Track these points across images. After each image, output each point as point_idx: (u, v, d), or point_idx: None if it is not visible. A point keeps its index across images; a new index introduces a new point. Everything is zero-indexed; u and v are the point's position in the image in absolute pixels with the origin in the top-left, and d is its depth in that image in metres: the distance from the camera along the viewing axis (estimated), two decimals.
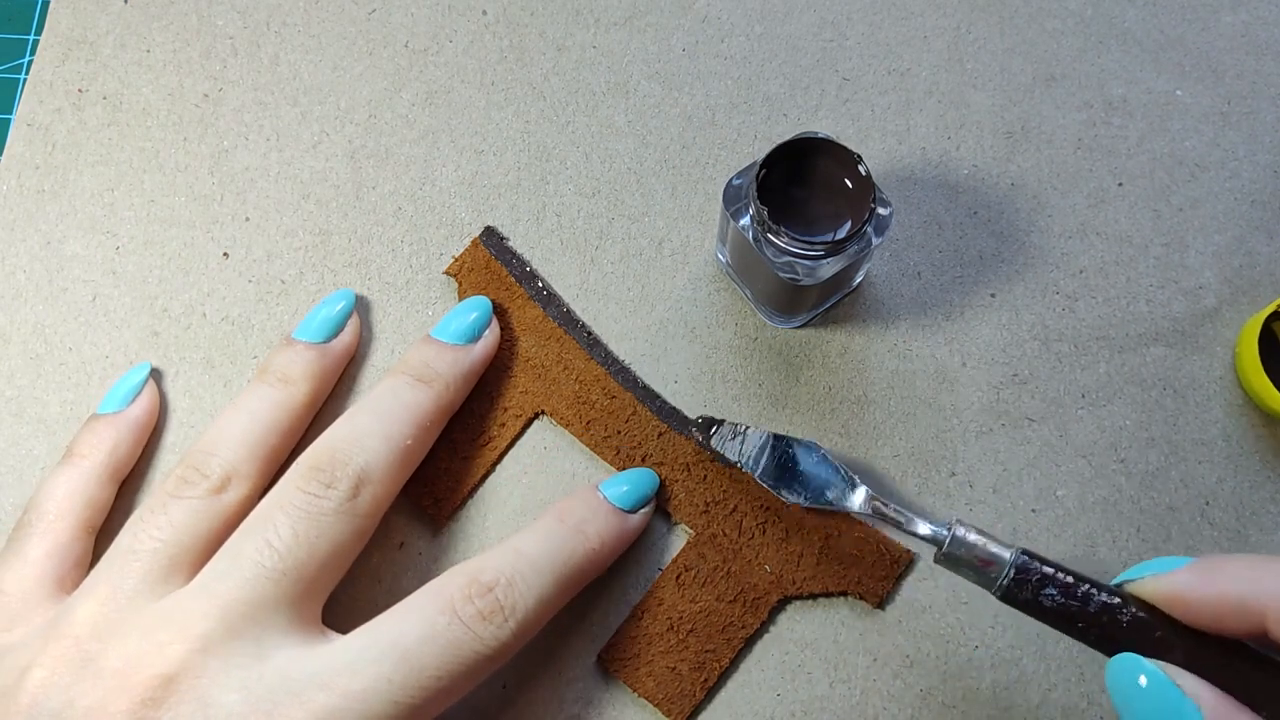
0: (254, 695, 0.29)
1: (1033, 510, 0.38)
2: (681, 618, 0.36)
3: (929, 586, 0.37)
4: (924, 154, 0.42)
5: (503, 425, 0.39)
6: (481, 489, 0.38)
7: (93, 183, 0.42)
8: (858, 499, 0.35)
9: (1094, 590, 0.29)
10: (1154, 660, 0.27)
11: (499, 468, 0.39)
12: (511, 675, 0.36)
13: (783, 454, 0.36)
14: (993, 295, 0.40)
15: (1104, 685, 0.36)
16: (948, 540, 0.32)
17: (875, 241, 0.35)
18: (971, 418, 0.39)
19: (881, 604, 0.37)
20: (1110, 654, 0.29)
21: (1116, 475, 0.38)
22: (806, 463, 0.36)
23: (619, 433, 0.38)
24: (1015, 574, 0.30)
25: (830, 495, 0.36)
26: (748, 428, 0.37)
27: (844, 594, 0.37)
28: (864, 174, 0.34)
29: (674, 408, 0.39)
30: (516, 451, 0.39)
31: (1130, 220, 0.41)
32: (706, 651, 0.36)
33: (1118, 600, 0.29)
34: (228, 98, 0.43)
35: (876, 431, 0.39)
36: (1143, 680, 0.27)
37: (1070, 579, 0.30)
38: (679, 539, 0.38)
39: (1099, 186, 0.42)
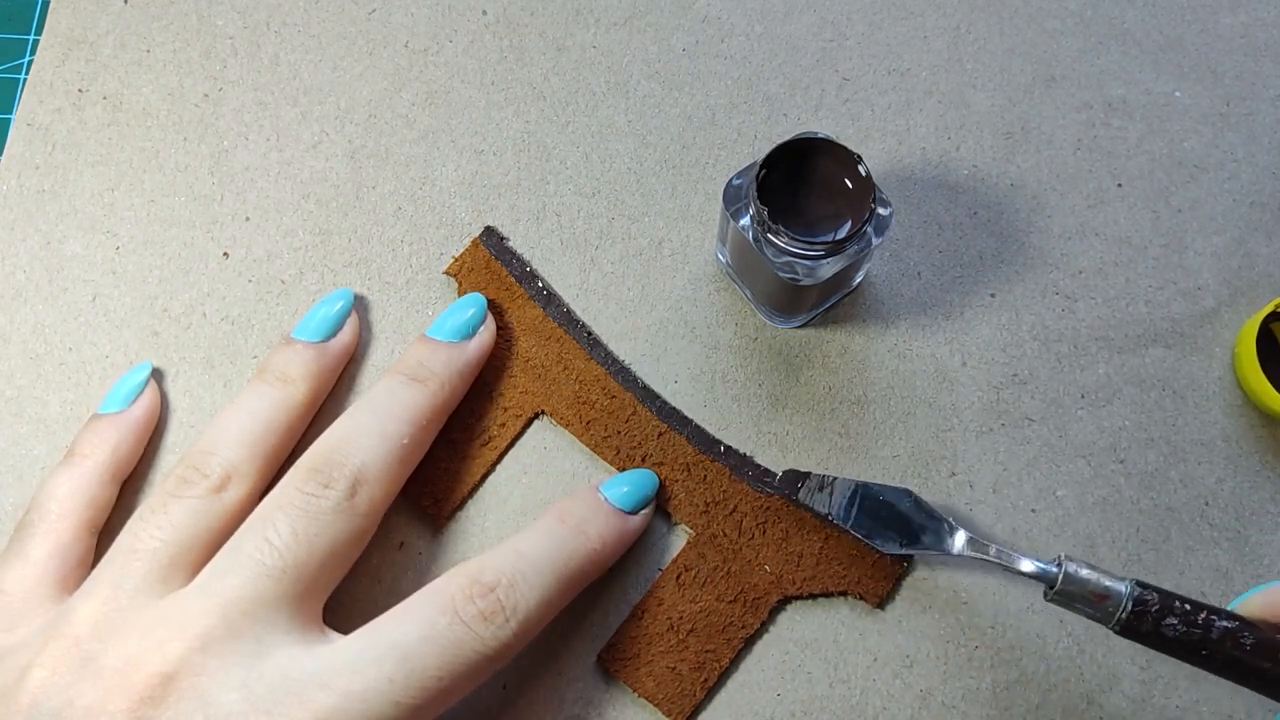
0: (254, 694, 0.29)
1: (1033, 510, 0.38)
2: (681, 618, 0.36)
3: (929, 586, 0.37)
4: (924, 154, 0.42)
5: (503, 425, 0.39)
6: (481, 489, 0.38)
7: (93, 183, 0.42)
8: (957, 543, 0.35)
9: (1214, 616, 0.29)
10: None
11: (499, 468, 0.39)
12: (511, 675, 0.36)
13: (872, 503, 0.36)
14: (993, 295, 0.40)
15: (1103, 685, 0.36)
16: (1060, 577, 0.31)
17: (875, 241, 0.35)
18: (971, 418, 0.39)
19: (881, 604, 0.37)
20: (1237, 679, 0.29)
21: (1116, 475, 0.38)
22: (898, 509, 0.35)
23: (619, 433, 0.38)
24: (1134, 606, 0.30)
25: (926, 540, 0.35)
26: (834, 479, 0.36)
27: (844, 594, 0.37)
28: (864, 174, 0.34)
29: (674, 408, 0.39)
30: (516, 451, 0.39)
31: (1129, 221, 0.41)
32: (706, 651, 0.36)
33: (1238, 623, 0.29)
34: (228, 98, 0.43)
35: (876, 431, 0.39)
36: None
37: (1189, 606, 0.29)
38: (679, 539, 0.38)
39: (1098, 187, 0.42)
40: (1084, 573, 0.31)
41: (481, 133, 0.42)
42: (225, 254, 0.41)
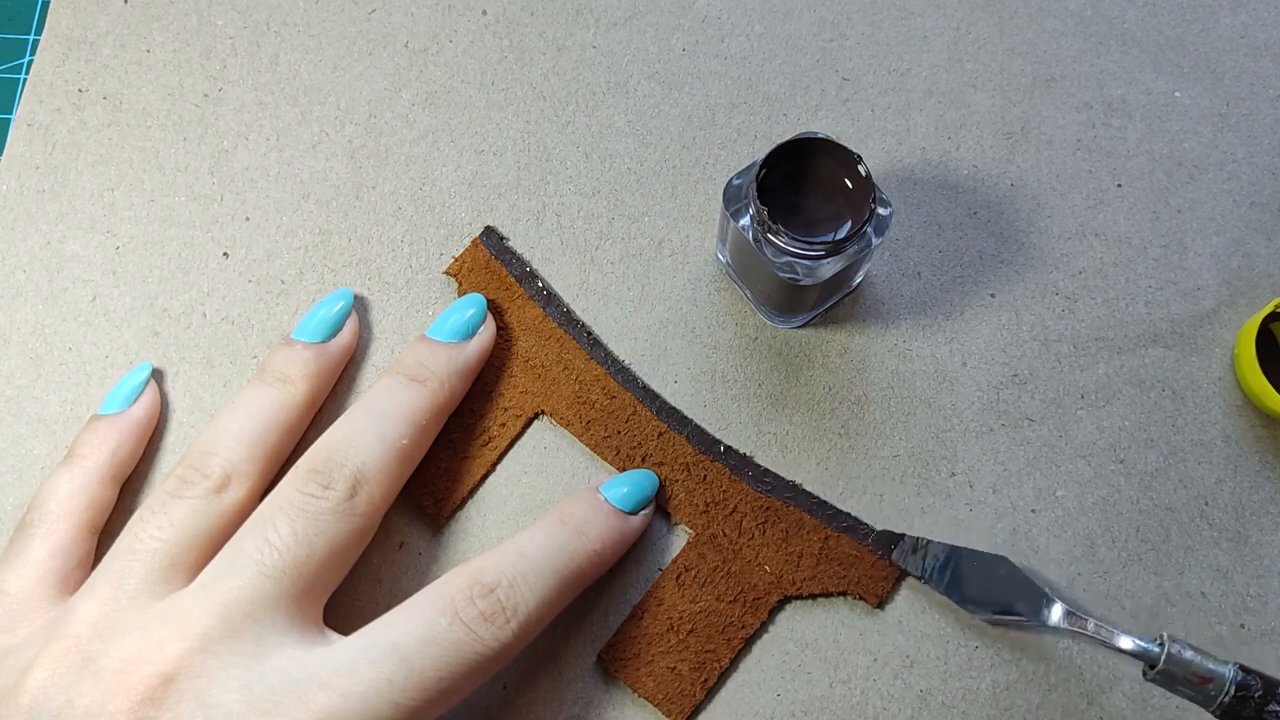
0: (254, 695, 0.29)
1: (1033, 510, 0.38)
2: (681, 618, 0.36)
3: (929, 586, 0.37)
4: (924, 154, 0.42)
5: (503, 425, 0.39)
6: (481, 489, 0.38)
7: (93, 183, 0.42)
8: (1054, 615, 0.34)
9: None
10: None
11: (499, 468, 0.39)
12: (511, 675, 0.36)
13: (967, 568, 0.36)
14: (993, 295, 0.40)
15: (1103, 685, 0.36)
16: (1163, 658, 0.31)
17: (875, 241, 0.35)
18: (971, 418, 0.39)
19: (881, 604, 0.37)
20: None
21: (1116, 476, 0.38)
22: (993, 576, 0.35)
23: (619, 433, 0.38)
24: (1237, 691, 0.30)
25: (1020, 609, 0.35)
26: (929, 542, 0.36)
27: (844, 594, 0.37)
28: (864, 174, 0.34)
29: (674, 408, 0.39)
30: (516, 451, 0.39)
31: (1129, 221, 0.41)
32: (706, 651, 0.36)
33: None
34: (228, 98, 0.43)
35: (876, 431, 0.39)
36: None
37: None
38: (679, 539, 0.38)
39: (1098, 187, 0.42)
40: (1188, 655, 0.31)
41: (481, 133, 0.42)
42: (225, 254, 0.41)
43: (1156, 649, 0.32)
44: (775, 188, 0.34)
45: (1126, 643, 0.33)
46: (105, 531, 0.37)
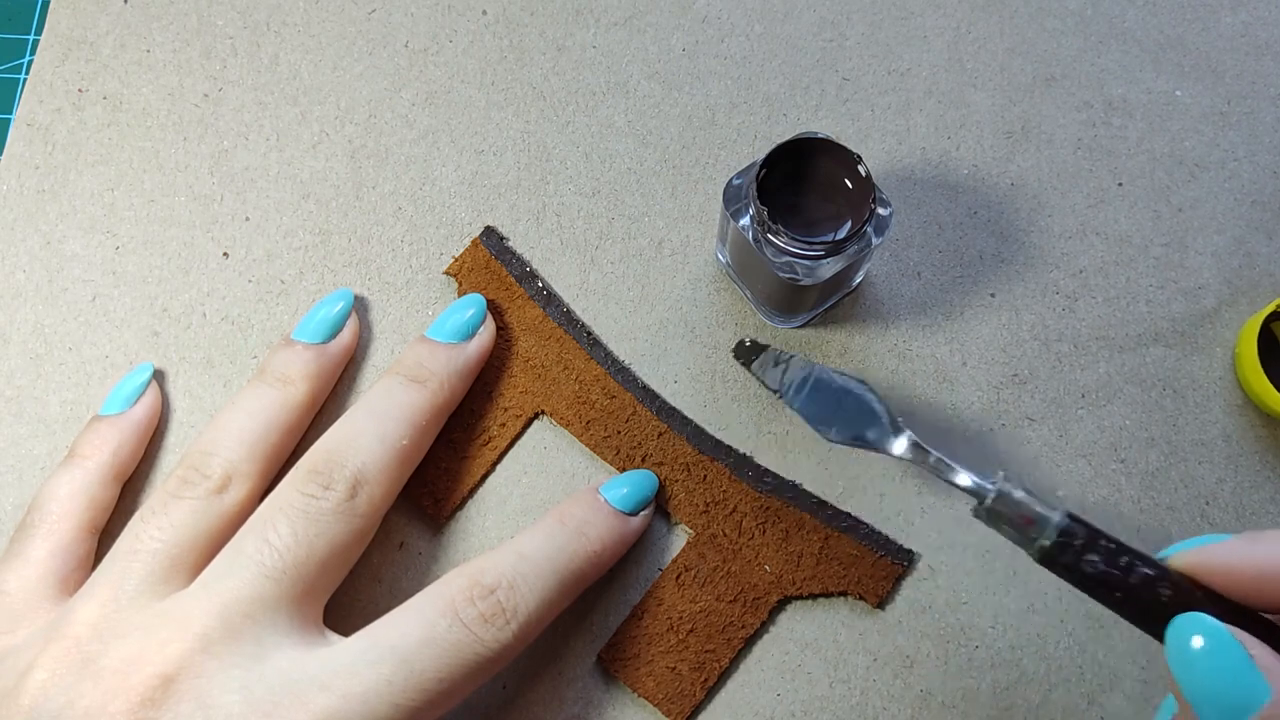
0: (254, 695, 0.29)
1: None
2: (681, 618, 0.36)
3: (929, 586, 0.37)
4: (924, 154, 0.42)
5: (503, 425, 0.39)
6: (481, 489, 0.38)
7: (93, 183, 0.42)
8: (900, 445, 0.33)
9: (1137, 561, 0.28)
10: (1225, 624, 0.25)
11: (499, 468, 0.39)
12: (511, 675, 0.36)
13: (825, 388, 0.34)
14: (993, 295, 0.40)
15: (1103, 685, 0.36)
16: (993, 495, 0.30)
17: (875, 241, 0.35)
18: (971, 418, 0.39)
19: (881, 604, 0.37)
20: (1148, 628, 0.28)
21: (1116, 475, 0.38)
22: (850, 400, 0.34)
23: (619, 433, 0.38)
24: (1059, 536, 0.28)
25: (870, 436, 0.33)
26: (792, 356, 0.35)
27: (844, 594, 0.37)
28: (864, 174, 0.34)
29: (674, 408, 0.39)
30: (516, 451, 0.39)
31: (1130, 220, 0.41)
32: (706, 651, 0.36)
33: (1160, 572, 0.28)
34: (228, 98, 0.43)
35: None
36: (1197, 642, 0.25)
37: (1114, 546, 0.28)
38: (679, 539, 0.38)
39: (1099, 186, 0.42)
40: (1018, 494, 0.30)
41: (481, 133, 0.42)
42: (225, 254, 0.41)
43: (990, 486, 0.30)
44: (775, 188, 0.34)
45: (964, 479, 0.31)
46: (106, 532, 0.37)
